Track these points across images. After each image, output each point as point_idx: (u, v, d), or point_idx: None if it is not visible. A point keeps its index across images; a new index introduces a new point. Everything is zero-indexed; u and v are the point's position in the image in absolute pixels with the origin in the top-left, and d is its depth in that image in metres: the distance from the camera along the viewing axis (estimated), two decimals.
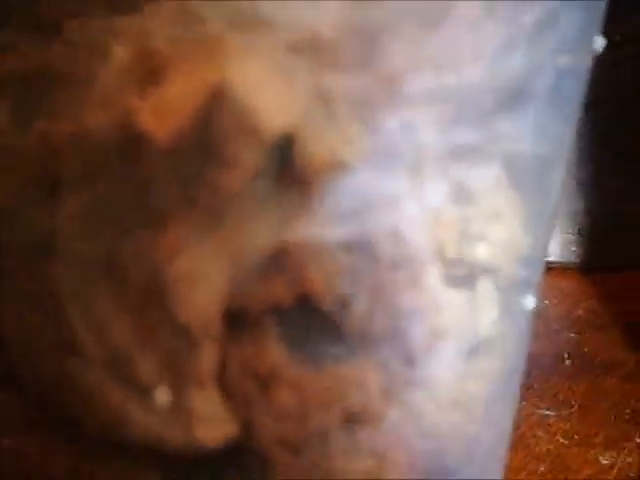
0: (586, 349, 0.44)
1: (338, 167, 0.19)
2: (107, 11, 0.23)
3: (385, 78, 0.19)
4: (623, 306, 0.46)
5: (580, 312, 0.47)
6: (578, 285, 0.48)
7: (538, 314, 0.27)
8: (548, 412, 0.40)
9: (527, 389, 0.41)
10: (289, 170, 0.19)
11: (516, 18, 0.20)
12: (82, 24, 0.23)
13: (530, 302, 0.25)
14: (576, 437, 0.39)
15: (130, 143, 0.19)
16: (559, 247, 0.48)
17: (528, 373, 0.30)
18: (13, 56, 0.23)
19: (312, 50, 0.20)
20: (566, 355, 0.44)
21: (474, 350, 0.24)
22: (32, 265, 0.21)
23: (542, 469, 0.37)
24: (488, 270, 0.24)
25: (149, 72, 0.19)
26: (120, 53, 0.20)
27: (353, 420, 0.22)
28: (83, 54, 0.22)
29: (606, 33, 0.24)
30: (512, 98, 0.21)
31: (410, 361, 0.22)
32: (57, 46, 0.23)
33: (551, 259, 0.46)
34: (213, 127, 0.18)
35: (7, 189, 0.21)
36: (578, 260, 0.49)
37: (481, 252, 0.23)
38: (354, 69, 0.19)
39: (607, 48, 0.31)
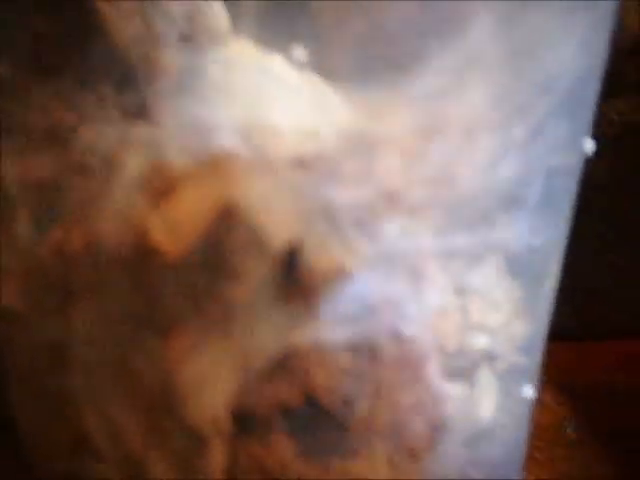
0: (587, 419, 0.45)
1: (341, 274, 0.20)
2: (121, 116, 0.24)
3: (385, 190, 0.20)
4: (623, 375, 0.47)
5: (580, 382, 0.47)
6: (578, 354, 0.49)
7: (541, 386, 0.28)
8: None
9: (529, 459, 0.42)
10: (294, 278, 0.20)
11: (509, 127, 0.21)
12: (97, 132, 0.24)
13: (529, 391, 0.26)
14: None
15: (142, 256, 0.20)
16: (561, 318, 0.48)
17: (530, 443, 0.30)
18: (32, 162, 0.24)
19: (317, 164, 0.21)
20: (570, 424, 0.45)
21: (475, 439, 0.25)
22: (48, 367, 0.22)
23: None
24: (487, 360, 0.25)
25: (161, 186, 0.20)
26: (133, 165, 0.22)
27: None
28: (97, 164, 0.23)
29: (602, 111, 0.25)
30: (506, 202, 0.22)
31: (413, 454, 0.23)
32: (73, 154, 0.24)
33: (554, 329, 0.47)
34: (222, 242, 0.19)
35: (24, 294, 0.22)
36: (577, 331, 0.49)
37: (480, 342, 0.24)
38: (355, 182, 0.20)
39: (605, 125, 0.33)
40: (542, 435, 0.44)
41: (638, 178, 0.45)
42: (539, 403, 0.34)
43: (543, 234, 0.24)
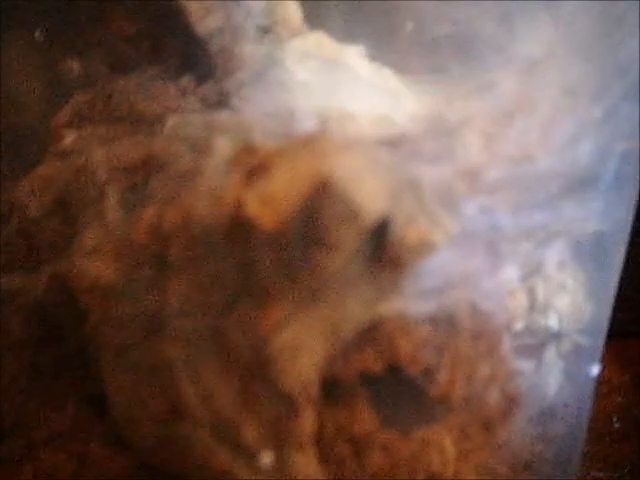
0: (634, 412, 0.45)
1: (427, 248, 0.21)
2: (203, 107, 0.25)
3: (464, 169, 0.21)
4: None
5: (626, 376, 0.48)
6: (622, 351, 0.50)
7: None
8: (600, 474, 0.42)
9: None
10: (383, 251, 0.21)
11: (584, 113, 0.22)
12: (182, 119, 0.25)
13: (594, 370, 0.26)
14: None
15: (237, 229, 0.21)
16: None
17: None
18: (118, 148, 0.25)
19: (397, 144, 0.22)
20: (615, 418, 0.45)
21: (542, 415, 0.26)
22: (141, 339, 0.23)
23: None
24: (553, 339, 0.26)
25: (254, 165, 0.21)
26: (222, 148, 0.23)
27: None
28: (184, 147, 0.24)
29: None
30: (579, 183, 0.23)
31: (487, 426, 0.24)
32: (159, 139, 0.25)
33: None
34: (316, 215, 0.20)
35: (118, 268, 0.23)
36: (621, 326, 0.50)
37: (549, 322, 0.25)
38: (437, 161, 0.22)
39: None
40: (590, 428, 0.45)
41: None
42: None
43: (610, 218, 0.25)
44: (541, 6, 0.23)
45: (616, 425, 0.45)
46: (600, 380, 0.48)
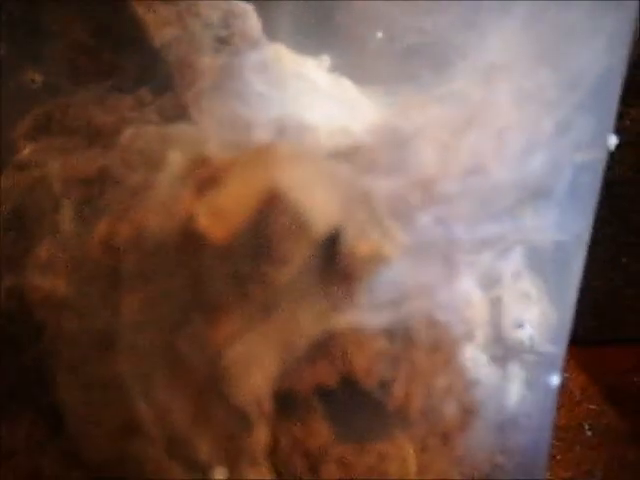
0: (606, 420, 0.45)
1: (379, 260, 0.21)
2: (160, 118, 0.25)
3: (419, 180, 0.21)
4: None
5: (598, 384, 0.48)
6: (595, 358, 0.50)
7: (559, 387, 0.28)
8: None
9: (550, 460, 0.42)
10: (334, 263, 0.21)
11: (539, 123, 0.22)
12: (138, 132, 0.25)
13: (555, 380, 0.26)
14: None
15: (188, 242, 0.21)
16: (576, 321, 0.49)
17: (551, 444, 0.31)
18: (74, 160, 0.25)
19: (352, 156, 0.22)
20: (587, 426, 0.45)
21: (502, 425, 0.26)
22: (95, 353, 0.23)
23: None
24: (515, 349, 0.25)
25: (204, 177, 0.21)
26: (176, 160, 0.23)
27: None
28: (139, 160, 0.24)
29: (623, 114, 0.26)
30: (534, 194, 0.23)
31: (446, 437, 0.23)
32: (115, 152, 0.25)
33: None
34: (267, 228, 0.20)
35: (71, 283, 0.23)
36: (594, 334, 0.50)
37: (509, 331, 0.25)
38: (390, 173, 0.21)
39: (625, 129, 0.34)
40: (562, 436, 0.45)
41: None
42: (558, 405, 0.35)
43: (568, 228, 0.25)
44: (498, 15, 0.23)
45: (588, 433, 0.45)
46: (573, 388, 0.48)
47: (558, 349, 0.27)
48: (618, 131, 0.25)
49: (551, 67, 0.23)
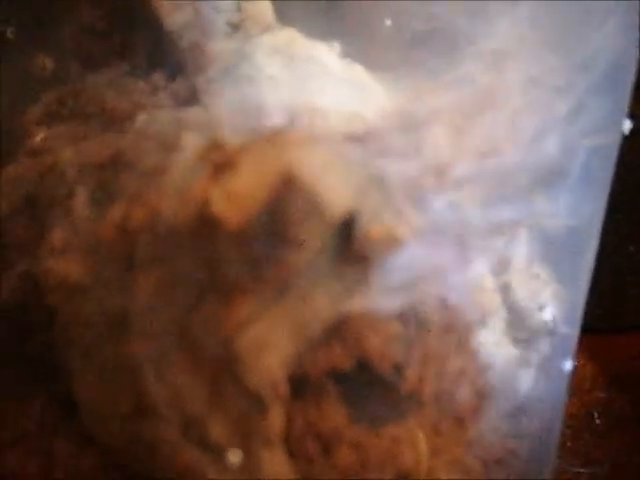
0: (614, 408, 0.45)
1: (394, 243, 0.21)
2: (174, 103, 0.25)
3: (432, 164, 0.21)
4: None
5: (607, 372, 0.48)
6: (603, 346, 0.50)
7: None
8: (581, 470, 0.42)
9: (560, 447, 0.42)
10: (349, 247, 0.21)
11: (550, 106, 0.22)
12: (151, 116, 0.25)
13: (568, 365, 0.26)
14: None
15: (203, 226, 0.21)
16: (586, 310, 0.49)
17: (560, 432, 0.31)
18: (88, 145, 0.25)
19: (366, 139, 0.22)
20: (596, 414, 0.45)
21: (515, 410, 0.26)
22: (109, 337, 0.23)
23: None
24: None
25: (220, 162, 0.21)
26: (190, 144, 0.23)
27: (406, 478, 0.23)
28: (153, 145, 0.24)
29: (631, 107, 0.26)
30: (547, 177, 0.23)
31: (458, 421, 0.24)
32: (128, 137, 0.25)
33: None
34: (282, 211, 0.20)
35: (85, 267, 0.23)
36: (602, 322, 0.50)
37: (521, 316, 0.25)
38: (404, 157, 0.21)
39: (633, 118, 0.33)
40: (571, 424, 0.45)
41: None
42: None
43: (581, 213, 0.25)
44: (507, 4, 0.23)
45: (597, 421, 0.45)
46: (582, 377, 0.48)
47: (572, 332, 0.27)
48: (634, 119, 0.25)
49: (562, 51, 0.23)
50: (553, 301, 0.25)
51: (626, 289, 0.49)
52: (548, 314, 0.24)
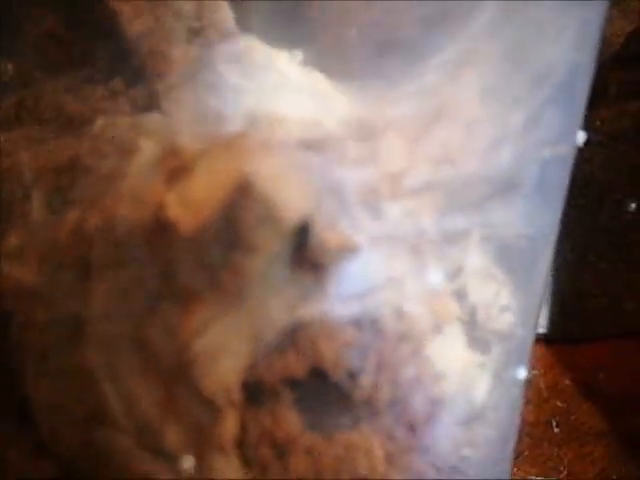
0: (573, 417, 0.46)
1: (349, 251, 0.21)
2: (132, 109, 0.25)
3: (388, 172, 0.21)
4: (608, 375, 0.48)
5: (567, 381, 0.48)
6: (563, 355, 0.50)
7: (527, 383, 0.29)
8: (538, 478, 0.42)
9: (518, 456, 0.43)
10: (304, 253, 0.21)
11: (506, 117, 0.22)
12: (110, 121, 0.25)
13: (522, 372, 0.27)
14: None
15: (158, 232, 0.21)
16: (545, 319, 0.50)
17: (519, 440, 0.31)
18: (45, 149, 0.25)
19: (323, 147, 0.22)
20: (554, 423, 0.46)
21: (469, 418, 0.26)
22: (64, 342, 0.23)
23: None
24: (482, 341, 0.26)
25: (176, 167, 0.21)
26: (147, 149, 0.23)
27: None
28: (111, 149, 0.24)
29: (593, 115, 0.26)
30: (502, 187, 0.23)
31: (412, 428, 0.24)
32: (86, 141, 0.25)
33: (538, 331, 0.48)
34: (237, 217, 0.20)
35: (41, 272, 0.23)
36: (562, 331, 0.50)
37: (477, 322, 0.25)
38: (360, 164, 0.22)
39: (596, 129, 0.34)
40: (530, 432, 0.45)
41: (619, 182, 0.47)
42: (526, 401, 0.35)
43: (536, 222, 0.26)
44: (466, 11, 0.23)
45: (555, 430, 0.46)
46: (540, 385, 0.49)
47: (527, 338, 0.27)
48: (588, 131, 0.26)
49: (519, 63, 0.23)
50: (508, 306, 0.25)
51: (587, 299, 0.50)
52: (503, 319, 0.25)
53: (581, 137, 0.25)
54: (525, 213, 0.25)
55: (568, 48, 0.23)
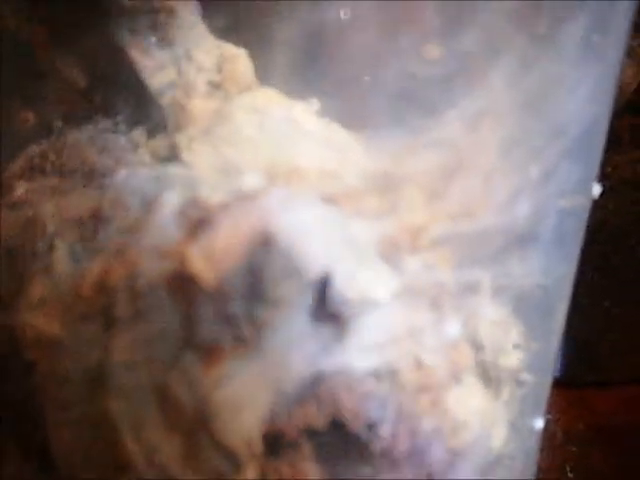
0: (587, 462, 0.46)
1: (369, 304, 0.21)
2: (153, 160, 0.26)
3: (408, 225, 0.22)
4: (622, 420, 0.48)
5: (581, 426, 0.48)
6: (578, 400, 0.50)
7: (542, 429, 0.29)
8: None
9: None
10: (324, 306, 0.21)
11: (524, 168, 0.22)
12: (131, 172, 0.25)
13: (538, 422, 0.27)
14: None
15: (180, 284, 0.21)
16: (559, 363, 0.50)
17: None
18: (68, 200, 0.25)
19: (342, 200, 0.22)
20: (568, 468, 0.45)
21: (487, 467, 0.26)
22: (86, 392, 0.23)
23: None
24: (498, 389, 0.26)
25: (198, 219, 0.22)
26: (169, 201, 0.23)
27: None
28: (133, 201, 0.24)
29: (605, 161, 0.26)
30: (520, 239, 0.23)
31: (431, 478, 0.24)
32: (109, 192, 0.25)
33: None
34: (260, 270, 0.20)
35: (64, 323, 0.23)
36: (577, 376, 0.50)
37: (493, 371, 0.25)
38: (380, 217, 0.22)
39: (607, 176, 0.34)
40: (545, 478, 0.45)
41: (632, 228, 0.47)
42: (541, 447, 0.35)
43: (553, 272, 0.26)
44: (487, 64, 0.23)
45: (570, 475, 0.46)
46: (555, 430, 0.48)
47: (543, 388, 0.27)
48: (601, 177, 0.26)
49: (537, 116, 0.24)
50: (524, 355, 0.25)
51: (602, 344, 0.50)
52: (519, 367, 0.25)
53: (597, 189, 0.25)
54: (542, 264, 0.25)
55: (585, 101, 0.23)
